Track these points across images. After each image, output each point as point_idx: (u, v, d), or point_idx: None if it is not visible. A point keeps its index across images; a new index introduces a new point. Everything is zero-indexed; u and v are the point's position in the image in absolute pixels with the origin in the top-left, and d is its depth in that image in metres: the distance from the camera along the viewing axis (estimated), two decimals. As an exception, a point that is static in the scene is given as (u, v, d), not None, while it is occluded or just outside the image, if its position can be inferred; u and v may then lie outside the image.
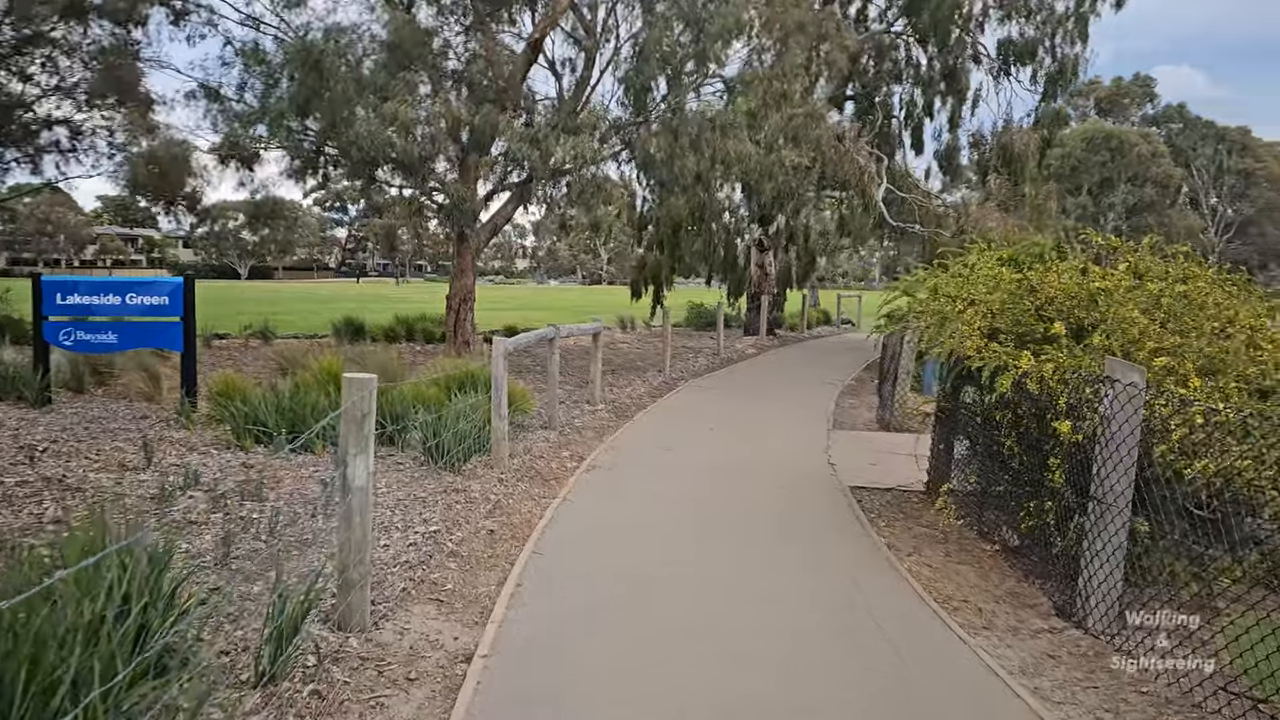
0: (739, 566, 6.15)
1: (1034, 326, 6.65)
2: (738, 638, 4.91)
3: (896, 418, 12.38)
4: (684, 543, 6.66)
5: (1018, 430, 6.41)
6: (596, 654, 4.67)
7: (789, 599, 5.56)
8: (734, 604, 5.42)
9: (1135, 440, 4.99)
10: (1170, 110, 67.60)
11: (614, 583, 5.70)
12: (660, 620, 5.11)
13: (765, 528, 7.17)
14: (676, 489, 8.32)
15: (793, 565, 6.24)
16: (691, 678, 4.40)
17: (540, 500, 7.85)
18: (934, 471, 8.52)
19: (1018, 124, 22.23)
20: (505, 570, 6.00)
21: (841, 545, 6.82)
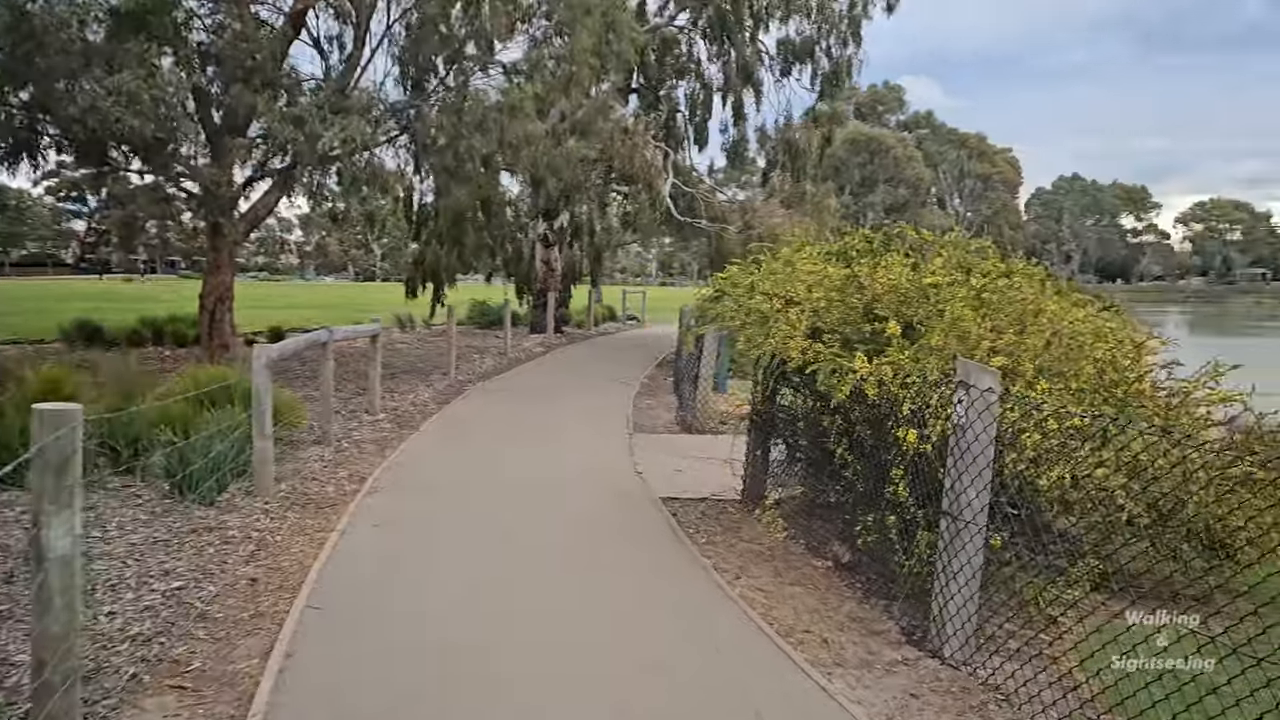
0: (556, 615, 5.28)
1: (861, 326, 6.22)
2: (568, 711, 4.07)
3: (698, 419, 11.94)
4: (490, 585, 5.70)
5: (850, 437, 5.95)
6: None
7: (623, 644, 4.77)
8: (557, 668, 4.56)
9: (992, 450, 4.57)
10: (919, 117, 72.83)
11: (412, 649, 4.70)
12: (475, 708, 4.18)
13: (580, 557, 6.35)
14: (473, 514, 7.35)
15: (619, 601, 5.46)
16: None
17: (315, 534, 6.67)
18: (750, 479, 8.02)
19: (798, 122, 22.64)
20: (272, 634, 4.85)
21: (666, 573, 6.12)
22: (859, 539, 5.72)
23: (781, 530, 6.74)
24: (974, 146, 76.57)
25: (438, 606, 5.26)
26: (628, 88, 22.46)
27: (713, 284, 7.73)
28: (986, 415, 4.51)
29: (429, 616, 5.09)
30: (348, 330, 11.96)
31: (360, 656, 4.54)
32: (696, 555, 6.51)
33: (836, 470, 6.15)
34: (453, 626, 4.97)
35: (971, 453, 4.53)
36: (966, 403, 4.55)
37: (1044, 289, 6.60)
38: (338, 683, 4.25)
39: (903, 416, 5.14)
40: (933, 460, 4.99)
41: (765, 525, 6.58)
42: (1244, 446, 5.02)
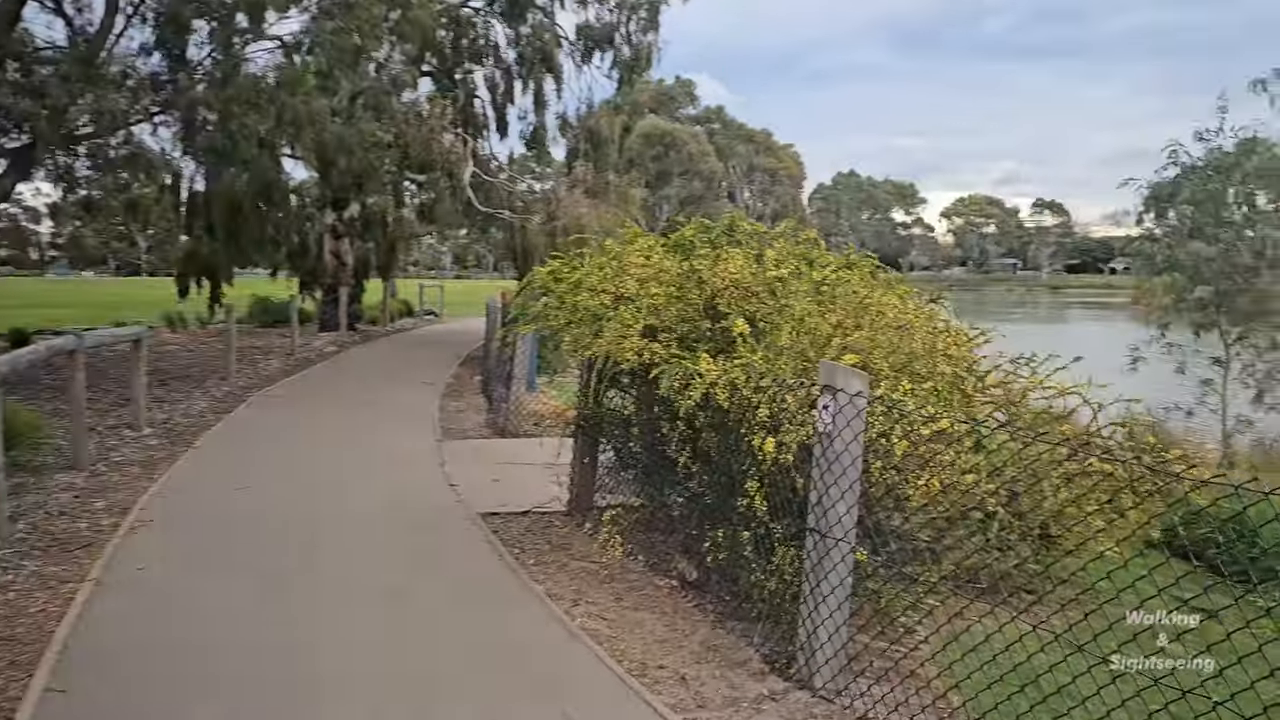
0: (364, 682, 4.48)
1: (700, 323, 5.75)
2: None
3: (512, 421, 11.22)
4: (279, 650, 4.80)
5: (695, 445, 5.47)
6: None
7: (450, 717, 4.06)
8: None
9: (861, 461, 4.19)
10: (710, 112, 74.60)
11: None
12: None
13: (391, 596, 5.53)
14: (260, 548, 6.35)
15: (442, 652, 4.72)
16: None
17: (61, 587, 5.50)
18: (578, 488, 7.42)
19: (600, 110, 22.19)
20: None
21: (494, 605, 5.42)
22: (708, 556, 5.24)
23: (619, 547, 6.18)
24: (761, 142, 79.30)
25: (220, 676, 4.32)
26: (418, 71, 21.22)
27: (535, 279, 7.06)
28: (856, 422, 4.12)
29: (209, 693, 4.15)
30: (105, 334, 10.42)
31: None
32: (526, 581, 5.85)
33: (680, 480, 5.66)
34: (237, 704, 4.07)
35: (841, 463, 4.12)
36: (834, 408, 4.14)
37: (873, 280, 6.38)
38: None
39: (758, 423, 4.70)
40: (792, 471, 4.58)
41: (602, 543, 6.00)
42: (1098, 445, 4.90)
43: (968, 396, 4.94)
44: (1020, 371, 5.56)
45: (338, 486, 8.21)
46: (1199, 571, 7.16)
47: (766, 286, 5.39)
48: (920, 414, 4.13)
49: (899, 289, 6.55)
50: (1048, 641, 3.43)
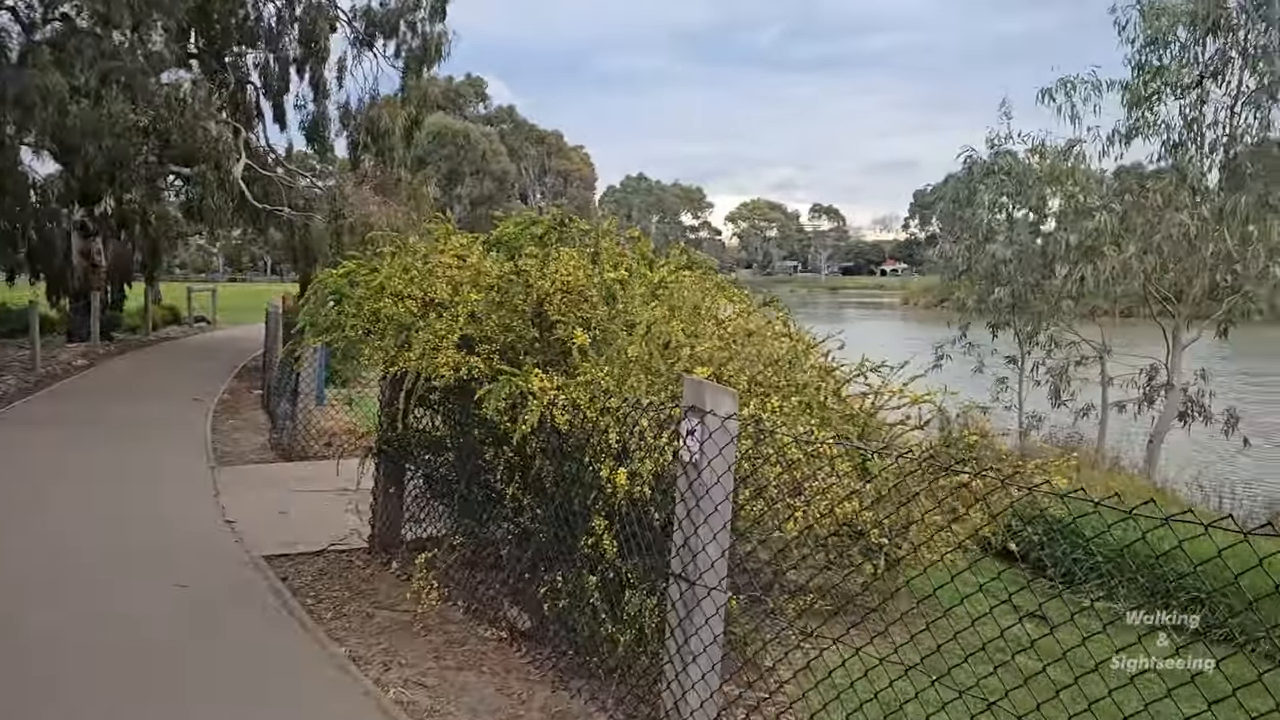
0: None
1: (526, 333, 5.02)
2: None
3: (300, 441, 10.02)
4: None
5: (526, 474, 4.73)
6: None
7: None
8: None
9: (732, 493, 3.60)
10: (502, 111, 73.42)
11: None
12: None
13: (145, 687, 4.47)
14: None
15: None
16: None
17: None
18: (382, 522, 6.49)
19: (384, 101, 20.79)
20: None
21: (285, 678, 4.47)
22: (545, 602, 4.52)
23: (434, 591, 5.33)
24: (553, 144, 78.86)
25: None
26: (184, 52, 19.11)
27: (325, 282, 6.08)
28: (729, 450, 3.53)
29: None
30: None
31: None
32: (324, 641, 4.93)
33: (508, 514, 4.90)
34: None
35: (712, 499, 3.52)
36: (702, 434, 3.53)
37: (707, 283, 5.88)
38: None
39: (606, 450, 4.03)
40: (649, 506, 3.94)
41: (415, 591, 5.14)
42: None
43: (825, 410, 4.48)
44: (870, 378, 5.23)
45: (84, 527, 6.87)
46: (1024, 571, 7.19)
47: (604, 290, 4.73)
48: (794, 436, 3.60)
49: (730, 291, 6.08)
50: (898, 669, 3.06)
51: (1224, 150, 10.31)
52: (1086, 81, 10.57)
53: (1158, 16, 10.17)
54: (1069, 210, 10.69)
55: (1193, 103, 10.31)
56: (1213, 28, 9.93)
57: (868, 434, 4.94)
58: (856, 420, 4.88)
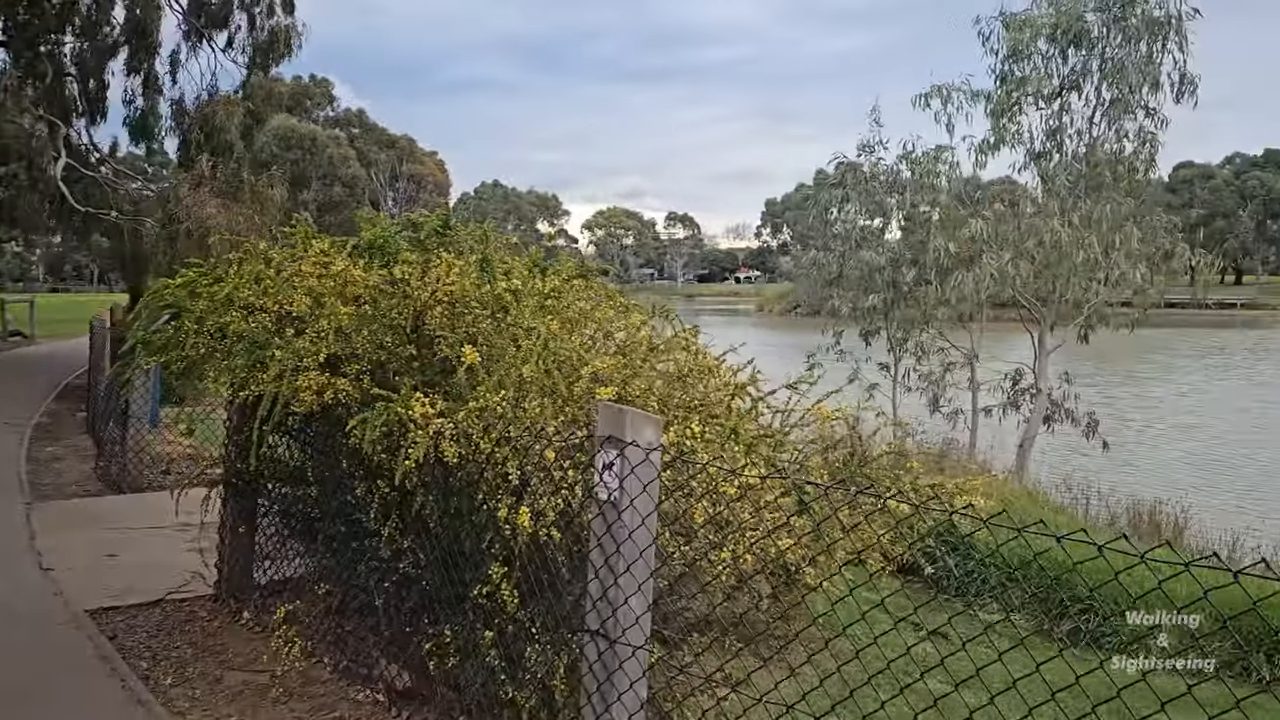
0: None
1: (402, 350, 4.42)
2: None
3: (131, 470, 8.96)
4: None
5: (405, 512, 4.13)
6: None
7: None
8: None
9: (654, 533, 3.14)
10: (351, 114, 70.87)
11: None
12: None
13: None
14: None
15: None
16: None
17: None
18: (231, 564, 5.72)
19: (222, 98, 19.34)
20: None
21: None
22: (430, 659, 3.94)
23: (295, 647, 4.64)
24: (405, 148, 76.53)
25: None
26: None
27: (160, 293, 5.29)
28: (653, 487, 3.06)
29: None
30: None
31: None
32: (162, 716, 4.19)
33: (384, 558, 4.28)
34: None
35: (635, 544, 3.04)
36: (623, 468, 3.05)
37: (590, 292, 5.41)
38: None
39: (502, 486, 3.50)
40: (555, 551, 3.44)
41: (275, 650, 4.44)
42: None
43: (750, 436, 4.07)
44: (773, 393, 4.88)
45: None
46: (920, 585, 7.07)
47: (496, 301, 4.18)
48: (730, 469, 3.18)
49: (619, 300, 5.63)
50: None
51: (1085, 160, 10.63)
52: (960, 90, 10.71)
53: (1021, 29, 10.38)
54: (944, 218, 10.80)
55: (1055, 113, 10.59)
56: (1074, 40, 10.21)
57: (779, 456, 4.59)
58: (773, 442, 4.50)
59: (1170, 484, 13.42)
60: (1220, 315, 67.62)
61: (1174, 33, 9.99)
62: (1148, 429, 20.06)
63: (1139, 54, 9.96)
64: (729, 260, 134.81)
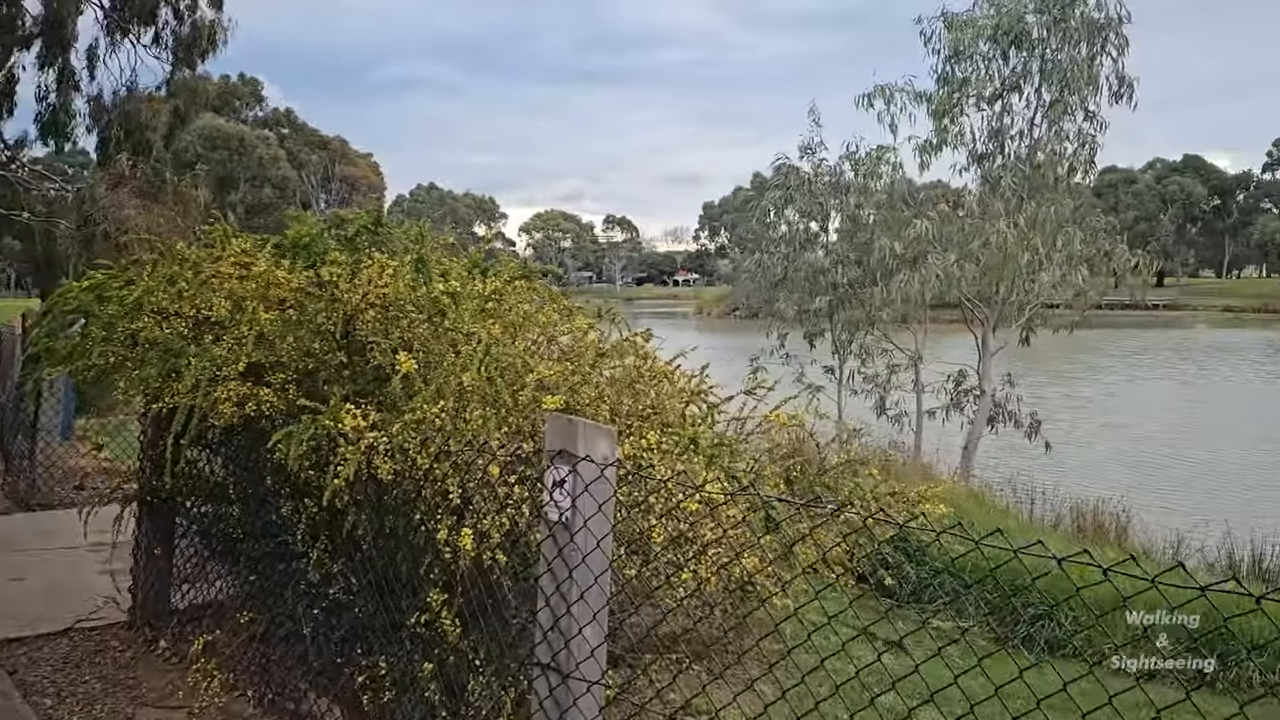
0: None
1: (331, 357, 4.10)
2: None
3: (41, 487, 8.41)
4: None
5: (335, 533, 3.81)
6: None
7: None
8: None
9: (611, 557, 2.88)
10: (280, 114, 69.27)
11: None
12: None
13: None
14: None
15: None
16: None
17: None
18: (146, 589, 5.31)
19: (146, 94, 18.55)
20: None
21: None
22: (364, 693, 3.62)
23: (215, 680, 4.27)
24: (337, 150, 75.11)
25: None
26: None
27: (65, 297, 4.87)
28: (609, 507, 2.80)
29: None
30: None
31: None
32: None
33: (313, 583, 3.96)
34: None
35: (590, 569, 2.78)
36: (575, 485, 2.79)
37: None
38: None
39: (442, 505, 3.21)
40: (502, 576, 3.16)
41: (193, 682, 4.08)
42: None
43: (711, 446, 3.84)
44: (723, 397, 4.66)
45: None
46: (875, 593, 6.92)
47: (433, 305, 3.88)
48: (693, 486, 2.93)
49: (562, 303, 5.36)
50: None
51: (1027, 162, 10.66)
52: (903, 90, 10.66)
53: (962, 29, 10.37)
54: (889, 219, 10.73)
55: (996, 115, 10.60)
56: (1014, 41, 10.22)
57: (736, 466, 4.37)
58: (729, 452, 4.27)
59: (1102, 483, 13.58)
60: (1143, 316, 69.71)
61: (1113, 35, 10.09)
62: (1075, 429, 20.39)
63: (1079, 56, 10.02)
64: (667, 263, 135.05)
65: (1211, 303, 79.14)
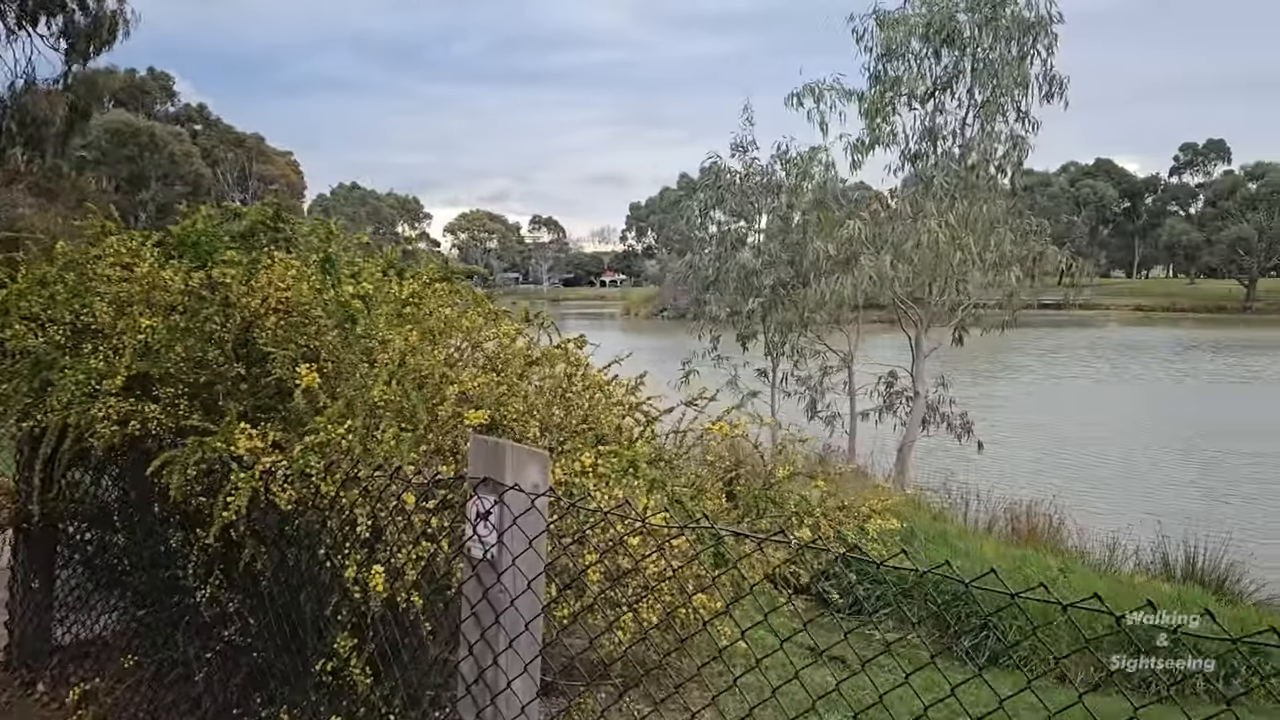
0: None
1: (227, 369, 3.67)
2: None
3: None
4: None
5: (230, 569, 3.38)
6: None
7: None
8: None
9: (543, 600, 2.53)
10: (192, 110, 66.99)
11: None
12: None
13: None
14: None
15: None
16: None
17: None
18: (23, 626, 4.77)
19: (45, 87, 17.53)
20: None
21: None
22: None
23: None
24: (254, 147, 72.89)
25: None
26: None
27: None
28: (540, 542, 2.45)
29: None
30: None
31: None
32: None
33: (206, 622, 3.52)
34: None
35: (519, 612, 2.43)
36: (502, 519, 2.43)
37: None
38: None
39: (350, 538, 2.83)
40: (421, 619, 2.79)
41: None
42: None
43: (654, 466, 3.52)
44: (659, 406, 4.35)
45: None
46: (811, 605, 6.70)
47: (341, 310, 3.48)
48: (638, 517, 2.60)
49: (487, 306, 5.00)
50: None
51: (960, 161, 10.59)
52: (833, 89, 10.50)
53: (894, 27, 10.24)
54: (822, 219, 10.56)
55: (929, 114, 10.51)
56: (946, 40, 10.13)
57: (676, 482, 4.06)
58: (670, 469, 3.96)
59: (1029, 484, 13.67)
60: (1058, 315, 71.73)
61: (1043, 34, 10.08)
62: (997, 429, 20.59)
63: (1010, 54, 9.98)
64: (594, 264, 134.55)
65: (1123, 302, 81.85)
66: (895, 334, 12.65)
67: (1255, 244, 77.10)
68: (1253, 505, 13.97)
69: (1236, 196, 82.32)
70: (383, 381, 3.15)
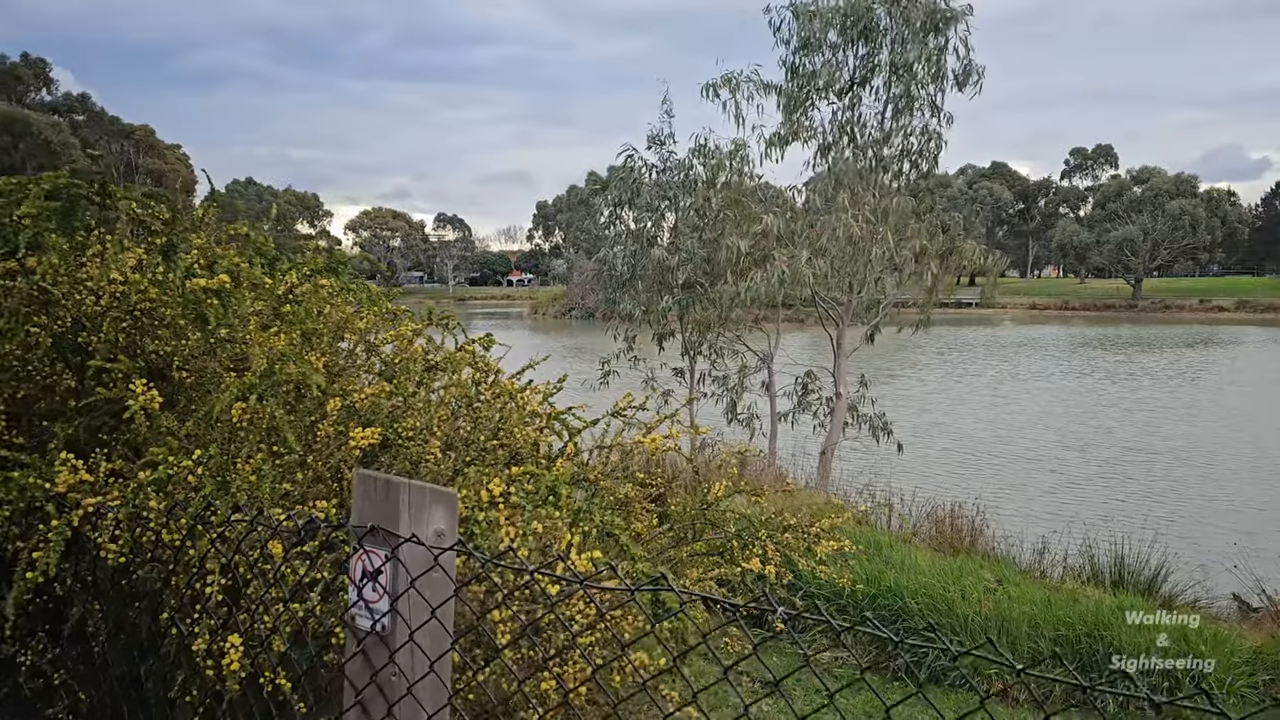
0: None
1: (54, 381, 3.01)
2: None
3: None
4: None
5: (54, 633, 2.73)
6: None
7: None
8: None
9: (450, 685, 1.99)
10: (73, 99, 63.44)
11: None
12: None
13: None
14: None
15: None
16: None
17: None
18: None
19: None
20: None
21: None
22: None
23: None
24: (142, 139, 69.44)
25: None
26: None
27: None
28: (447, 609, 1.91)
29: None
30: None
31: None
32: None
33: (29, 699, 2.85)
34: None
35: (417, 701, 1.88)
36: (397, 578, 1.88)
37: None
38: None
39: (199, 600, 2.23)
40: (293, 701, 2.20)
41: None
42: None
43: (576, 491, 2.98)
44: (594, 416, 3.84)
45: None
46: (736, 621, 6.29)
47: (192, 305, 2.86)
48: (576, 576, 2.08)
49: (385, 304, 4.39)
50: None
51: (872, 155, 10.34)
52: (750, 80, 10.12)
53: (811, 19, 9.91)
54: (739, 214, 10.16)
55: (846, 107, 10.23)
56: (863, 32, 9.86)
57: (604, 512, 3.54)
58: (597, 491, 3.44)
59: (945, 484, 13.61)
60: (956, 313, 73.63)
61: (957, 24, 9.87)
62: (904, 428, 20.66)
63: (925, 46, 9.74)
64: (501, 263, 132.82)
65: (1018, 301, 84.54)
66: (805, 331, 12.38)
67: (1140, 245, 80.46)
68: (1163, 504, 14.17)
69: (1123, 199, 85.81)
70: (238, 395, 2.54)
